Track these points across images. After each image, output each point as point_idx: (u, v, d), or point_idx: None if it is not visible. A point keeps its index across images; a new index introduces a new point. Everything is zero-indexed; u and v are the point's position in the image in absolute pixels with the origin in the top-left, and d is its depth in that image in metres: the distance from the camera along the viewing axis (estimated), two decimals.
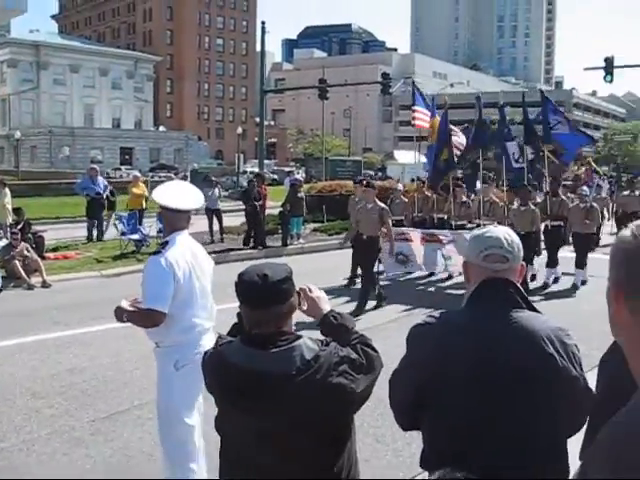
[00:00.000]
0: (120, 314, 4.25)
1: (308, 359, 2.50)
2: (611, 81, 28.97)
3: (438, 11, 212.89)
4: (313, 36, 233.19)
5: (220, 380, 2.61)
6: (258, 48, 33.59)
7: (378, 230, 11.51)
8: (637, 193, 20.55)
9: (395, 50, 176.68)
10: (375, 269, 11.74)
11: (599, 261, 14.27)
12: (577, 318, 9.46)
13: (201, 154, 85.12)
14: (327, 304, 2.85)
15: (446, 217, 15.40)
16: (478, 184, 15.89)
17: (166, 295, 4.20)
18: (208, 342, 4.37)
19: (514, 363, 2.38)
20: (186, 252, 4.41)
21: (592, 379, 2.34)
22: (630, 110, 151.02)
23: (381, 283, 12.16)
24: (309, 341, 2.58)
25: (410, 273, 14.72)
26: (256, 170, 31.01)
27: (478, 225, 13.90)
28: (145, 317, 4.22)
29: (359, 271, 12.06)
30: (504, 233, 2.59)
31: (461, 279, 13.56)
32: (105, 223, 19.48)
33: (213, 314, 4.65)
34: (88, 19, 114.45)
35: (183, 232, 4.46)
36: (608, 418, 1.30)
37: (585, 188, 16.14)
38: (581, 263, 13.64)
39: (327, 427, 2.57)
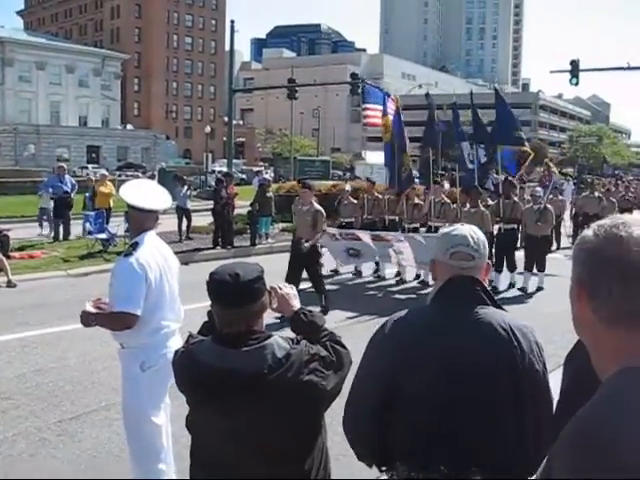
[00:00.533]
0: (87, 319, 4.18)
1: (279, 357, 2.52)
2: (577, 84, 29.31)
3: (407, 12, 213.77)
4: (282, 36, 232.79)
5: (191, 379, 2.61)
6: (227, 47, 33.49)
7: (310, 234, 10.75)
8: (596, 194, 20.38)
9: (364, 51, 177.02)
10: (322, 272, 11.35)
11: (561, 261, 14.50)
12: (544, 318, 9.59)
13: (169, 153, 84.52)
14: (297, 302, 2.87)
15: (398, 219, 14.89)
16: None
17: (138, 297, 4.15)
18: (175, 344, 4.36)
19: (479, 359, 2.41)
20: (156, 253, 4.38)
21: (559, 378, 2.38)
22: (595, 113, 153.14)
23: (336, 287, 12.16)
24: (280, 340, 2.60)
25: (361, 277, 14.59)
26: (224, 169, 30.92)
27: (430, 228, 13.87)
28: (117, 320, 4.16)
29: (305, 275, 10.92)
30: (470, 231, 2.63)
31: (414, 285, 13.77)
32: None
33: (181, 315, 4.63)
34: (54, 15, 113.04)
35: (151, 232, 4.42)
36: (573, 414, 1.32)
37: (538, 189, 15.83)
38: (540, 266, 13.26)
39: (299, 424, 2.59)
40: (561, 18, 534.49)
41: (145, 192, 4.48)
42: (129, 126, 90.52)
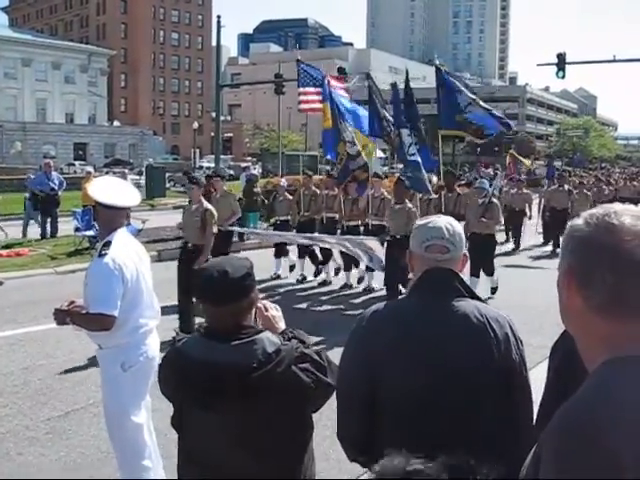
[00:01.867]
0: (62, 317, 4.14)
1: (270, 352, 2.52)
2: (563, 77, 29.34)
3: (394, 6, 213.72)
4: (269, 31, 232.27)
5: (180, 376, 2.60)
6: (214, 42, 33.35)
7: (199, 238, 9.12)
8: (566, 187, 19.11)
9: (351, 45, 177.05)
10: None
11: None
12: (530, 311, 9.63)
13: (157, 149, 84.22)
14: (282, 323, 2.86)
15: (337, 217, 13.29)
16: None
17: (115, 298, 4.10)
18: (153, 341, 4.41)
19: (456, 349, 2.43)
20: (130, 251, 4.34)
21: (545, 369, 2.40)
22: (582, 106, 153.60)
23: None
24: (271, 335, 2.60)
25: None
26: (212, 165, 30.88)
27: (367, 226, 12.57)
28: (93, 321, 4.11)
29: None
30: (446, 223, 2.63)
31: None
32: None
33: (158, 312, 4.61)
34: (40, 12, 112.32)
35: (122, 230, 4.37)
36: (558, 403, 1.33)
37: (484, 180, 14.10)
38: (488, 269, 11.70)
39: (287, 421, 2.59)
40: (548, 11, 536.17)
41: (115, 189, 4.44)
42: (116, 122, 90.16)
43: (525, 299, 11.29)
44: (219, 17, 29.63)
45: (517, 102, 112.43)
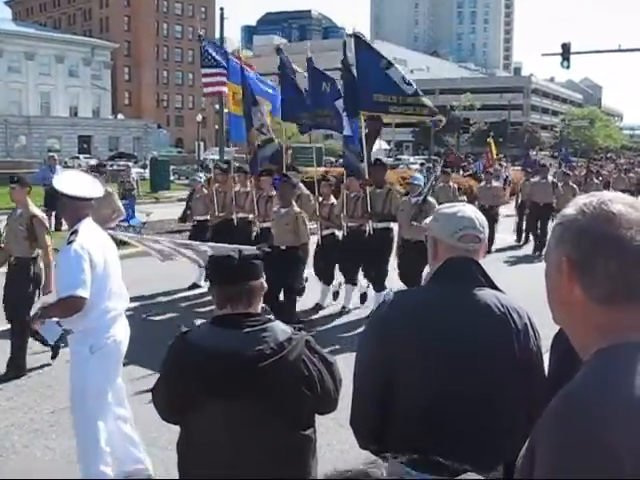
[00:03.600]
0: (43, 313, 4.35)
1: (281, 340, 2.53)
2: (568, 67, 29.24)
3: None
4: (273, 22, 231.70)
5: (192, 367, 2.56)
6: (217, 35, 33.24)
7: (26, 250, 7.41)
8: (550, 179, 16.68)
9: None
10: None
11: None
12: (539, 301, 9.60)
13: (161, 142, 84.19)
14: None
15: (251, 217, 11.32)
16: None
17: (84, 280, 4.24)
18: (121, 327, 4.63)
19: (477, 338, 2.43)
20: (97, 239, 4.55)
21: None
22: (587, 96, 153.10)
23: None
24: (282, 324, 2.61)
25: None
26: (217, 157, 30.81)
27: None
28: (66, 306, 4.25)
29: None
30: (474, 212, 2.65)
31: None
32: None
33: (127, 299, 4.83)
34: (43, 5, 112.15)
35: (88, 219, 4.58)
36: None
37: (418, 175, 11.14)
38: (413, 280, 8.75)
39: (297, 410, 2.59)
40: (552, 1, 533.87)
41: (79, 182, 4.71)
42: (120, 116, 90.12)
43: (539, 287, 11.21)
44: (222, 9, 29.55)
45: (522, 93, 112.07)
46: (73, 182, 4.66)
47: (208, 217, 12.03)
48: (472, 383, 2.41)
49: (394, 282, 9.61)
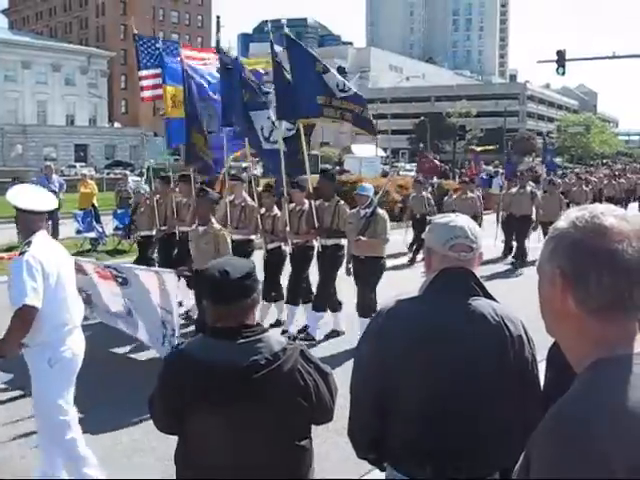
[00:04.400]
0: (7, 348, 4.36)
1: (276, 351, 2.53)
2: (563, 74, 29.35)
3: (393, 5, 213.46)
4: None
5: (187, 379, 2.56)
6: (214, 43, 33.40)
7: None
8: (528, 189, 15.46)
9: (351, 44, 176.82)
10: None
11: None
12: (535, 308, 9.58)
13: (158, 150, 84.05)
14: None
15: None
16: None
17: (36, 290, 4.26)
18: (76, 340, 4.64)
19: (474, 347, 2.45)
20: (51, 251, 4.58)
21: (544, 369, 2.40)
22: (582, 102, 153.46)
23: None
24: (276, 334, 2.61)
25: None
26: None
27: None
28: (20, 319, 4.25)
29: None
30: (467, 222, 2.66)
31: None
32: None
33: (82, 312, 4.86)
34: (39, 14, 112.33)
35: (42, 232, 4.62)
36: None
37: (367, 185, 9.42)
38: (364, 308, 8.18)
39: (291, 420, 2.58)
40: (547, 8, 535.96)
41: (32, 195, 4.74)
42: (117, 124, 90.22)
43: (534, 295, 11.16)
44: (218, 17, 29.73)
45: (517, 99, 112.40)
46: (27, 196, 4.71)
47: (154, 233, 11.02)
48: (467, 391, 2.43)
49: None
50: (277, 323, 9.41)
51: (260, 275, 6.56)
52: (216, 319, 2.60)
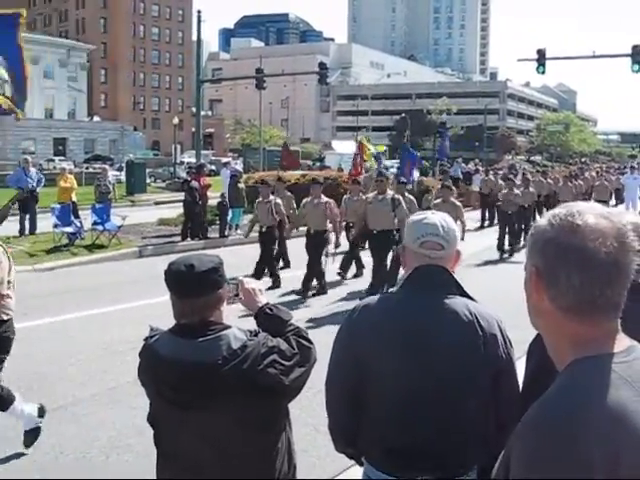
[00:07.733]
0: None
1: (235, 348, 2.49)
2: (543, 72, 29.47)
3: (375, 1, 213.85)
4: (250, 25, 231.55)
5: (153, 374, 2.60)
6: (194, 37, 33.18)
7: None
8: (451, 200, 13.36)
9: (332, 40, 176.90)
10: None
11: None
12: (514, 303, 9.63)
13: (137, 145, 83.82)
14: (263, 297, 2.84)
15: None
16: None
17: None
18: None
19: (445, 343, 2.45)
20: None
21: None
22: (562, 101, 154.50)
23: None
24: (237, 331, 2.57)
25: None
26: (193, 160, 30.77)
27: None
28: None
29: None
30: (440, 219, 2.64)
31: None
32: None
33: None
34: (18, 5, 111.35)
35: None
36: (534, 401, 1.34)
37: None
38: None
39: (257, 418, 2.56)
40: (528, 7, 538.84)
41: None
42: (96, 118, 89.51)
43: (515, 289, 11.25)
44: (199, 12, 29.54)
45: (498, 97, 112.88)
46: None
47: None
48: (439, 387, 2.44)
49: None
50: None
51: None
52: (180, 314, 2.57)
